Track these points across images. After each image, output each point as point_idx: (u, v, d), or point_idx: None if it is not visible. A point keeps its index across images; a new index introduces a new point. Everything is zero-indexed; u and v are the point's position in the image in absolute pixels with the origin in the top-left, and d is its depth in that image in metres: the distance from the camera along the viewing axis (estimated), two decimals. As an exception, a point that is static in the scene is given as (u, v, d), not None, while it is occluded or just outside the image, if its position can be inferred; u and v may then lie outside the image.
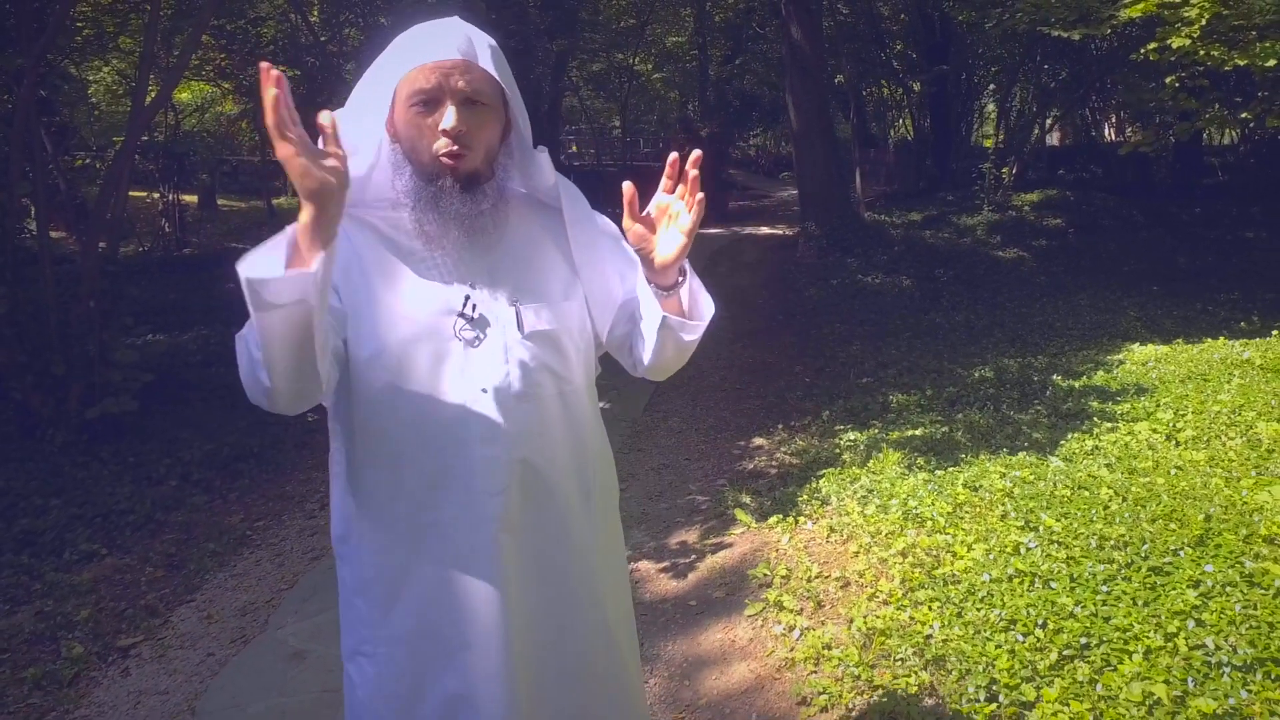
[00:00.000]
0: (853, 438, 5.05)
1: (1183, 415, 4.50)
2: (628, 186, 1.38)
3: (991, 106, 19.67)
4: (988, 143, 17.79)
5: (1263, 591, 2.63)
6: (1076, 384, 5.50)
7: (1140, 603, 2.70)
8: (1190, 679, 2.37)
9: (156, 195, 12.73)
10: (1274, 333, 6.24)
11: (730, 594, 3.51)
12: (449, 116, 1.38)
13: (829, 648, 2.92)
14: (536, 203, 1.58)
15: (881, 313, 8.80)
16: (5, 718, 2.95)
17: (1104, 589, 2.80)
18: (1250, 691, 2.29)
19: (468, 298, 1.43)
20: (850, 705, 2.65)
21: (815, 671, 2.85)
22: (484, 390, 1.43)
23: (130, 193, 6.82)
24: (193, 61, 11.12)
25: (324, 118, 1.19)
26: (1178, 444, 4.17)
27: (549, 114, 17.65)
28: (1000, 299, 8.90)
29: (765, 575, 3.51)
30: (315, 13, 11.33)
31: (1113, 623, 2.62)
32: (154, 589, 3.91)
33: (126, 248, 11.02)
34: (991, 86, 16.85)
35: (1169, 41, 5.89)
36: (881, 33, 17.94)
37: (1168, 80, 6.34)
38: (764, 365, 7.59)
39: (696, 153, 1.36)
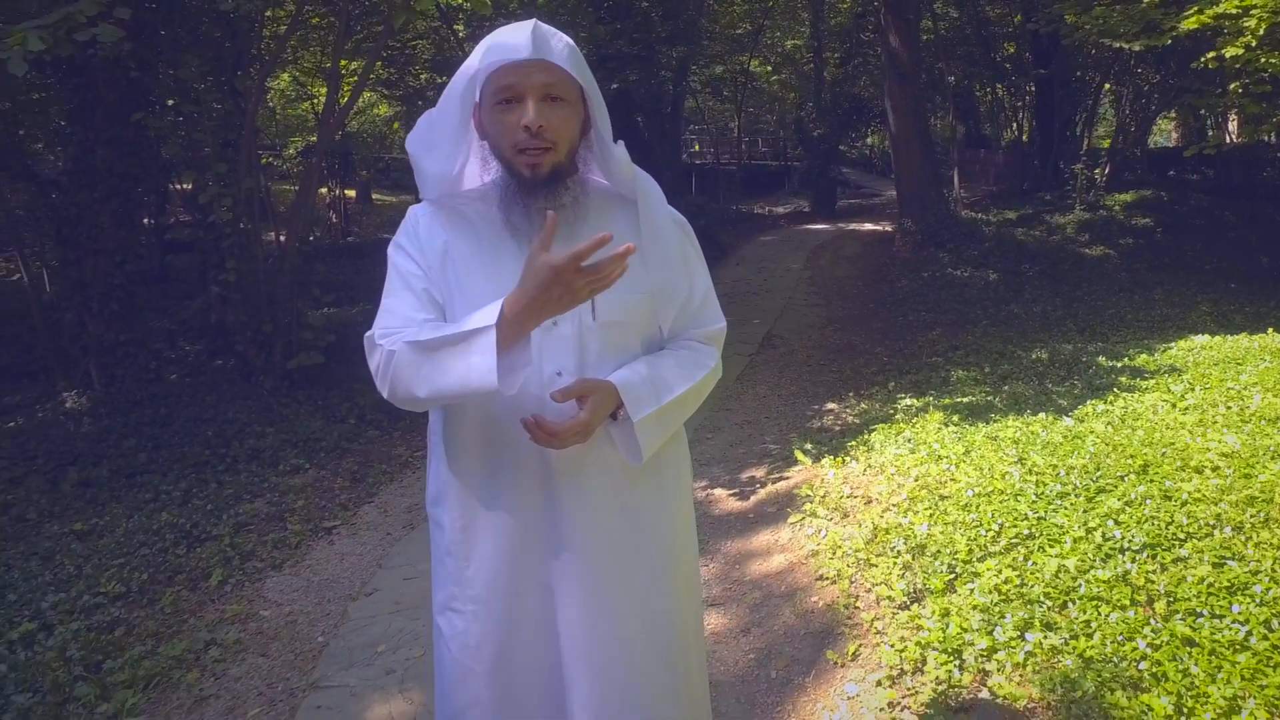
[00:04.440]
0: (909, 403, 5.88)
1: (1193, 389, 5.18)
2: (551, 216, 1.36)
3: (1103, 108, 19.60)
4: (1104, 144, 17.83)
5: (1171, 502, 3.43)
6: (1118, 364, 6.17)
7: (1079, 510, 3.54)
8: (1097, 558, 3.22)
9: (325, 190, 14.59)
10: (1325, 326, 6.69)
11: (780, 509, 4.47)
12: (529, 112, 1.45)
13: (844, 541, 3.86)
14: (617, 195, 1.64)
15: (966, 303, 9.47)
16: (258, 564, 4.20)
17: (1057, 502, 3.64)
18: (1136, 565, 3.13)
19: None
20: (851, 579, 3.59)
21: (832, 558, 3.79)
22: (559, 374, 1.51)
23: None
24: (356, 67, 12.72)
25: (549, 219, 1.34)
26: (1178, 410, 4.87)
27: (671, 115, 18.70)
28: (1079, 293, 9.43)
29: (808, 495, 4.46)
30: (462, 28, 12.69)
31: (1053, 522, 3.48)
32: (344, 493, 5.16)
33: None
34: (1107, 86, 16.91)
35: (1224, 51, 6.42)
36: (988, 35, 18.21)
37: (1231, 86, 6.82)
38: (849, 346, 8.41)
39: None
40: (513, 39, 1.47)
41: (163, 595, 3.79)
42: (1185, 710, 2.50)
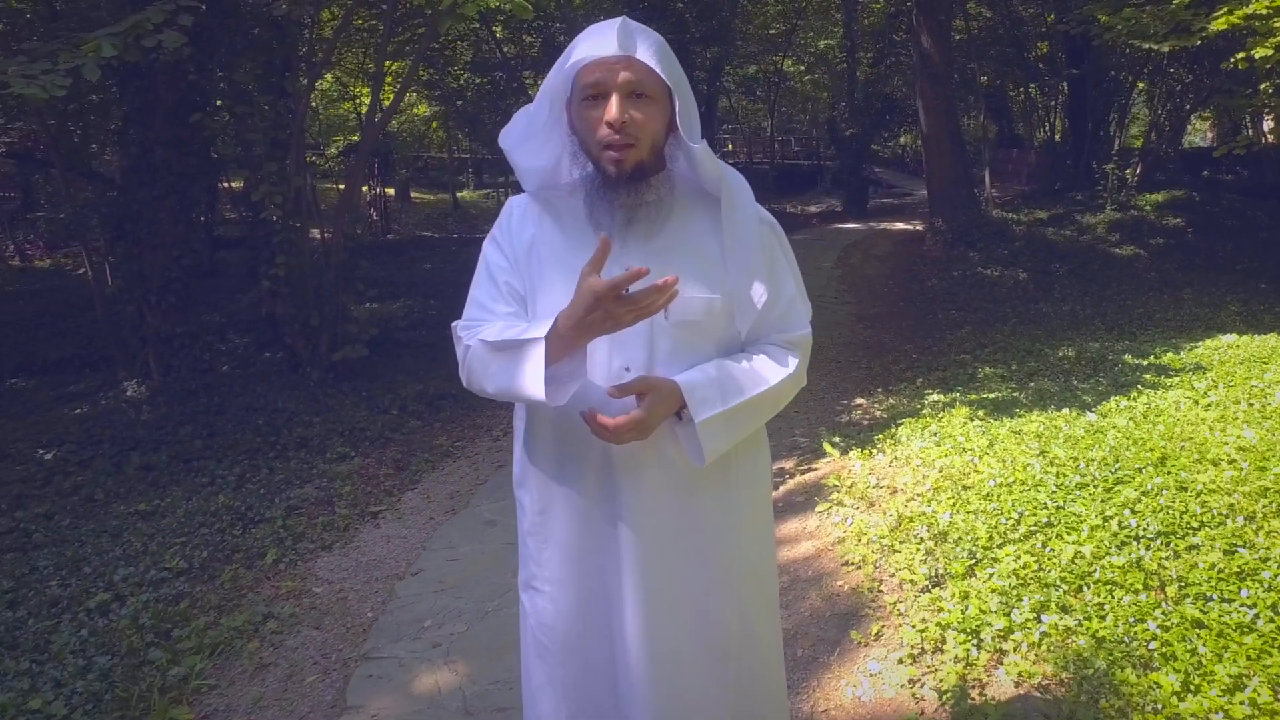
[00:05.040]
0: (936, 398, 6.00)
1: (1216, 386, 5.26)
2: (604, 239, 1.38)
3: (1136, 107, 19.51)
4: (1137, 143, 17.74)
5: (1186, 493, 3.55)
6: (1144, 362, 6.25)
7: (1097, 500, 3.66)
8: (1112, 545, 3.35)
9: (365, 189, 14.97)
10: (1356, 326, 6.71)
11: (808, 499, 4.63)
12: (612, 108, 1.46)
13: (870, 529, 4.01)
14: (703, 193, 1.61)
15: (995, 301, 9.54)
16: (310, 545, 4.42)
17: (1076, 492, 3.77)
18: (1150, 552, 3.26)
19: None
20: (875, 564, 3.75)
21: (857, 544, 3.94)
22: (627, 369, 1.52)
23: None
24: (397, 68, 13.01)
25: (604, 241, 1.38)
26: (1200, 406, 4.96)
27: (705, 115, 18.90)
28: (1109, 292, 9.47)
29: (836, 485, 4.61)
30: (500, 29, 12.94)
31: (1071, 511, 3.61)
32: (389, 480, 5.38)
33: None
34: (1140, 85, 16.83)
35: (1254, 52, 6.47)
36: (1020, 35, 18.20)
37: (1262, 86, 6.86)
38: (879, 343, 8.52)
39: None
40: (600, 36, 1.50)
41: (222, 572, 4.02)
42: (1192, 688, 2.62)
